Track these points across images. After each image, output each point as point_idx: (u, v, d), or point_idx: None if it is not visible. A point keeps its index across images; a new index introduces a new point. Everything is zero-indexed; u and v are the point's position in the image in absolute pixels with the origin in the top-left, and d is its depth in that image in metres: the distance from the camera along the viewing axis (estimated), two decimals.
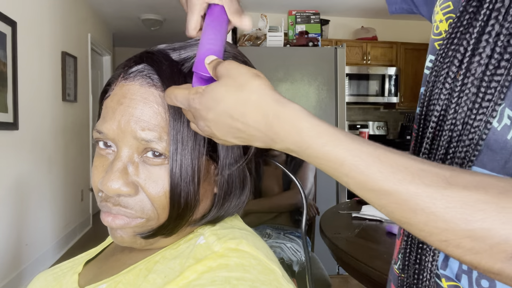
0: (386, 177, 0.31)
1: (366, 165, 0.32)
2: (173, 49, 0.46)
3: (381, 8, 4.21)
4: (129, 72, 0.44)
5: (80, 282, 0.49)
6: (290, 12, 3.03)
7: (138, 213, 0.42)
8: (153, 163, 0.42)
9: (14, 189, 2.52)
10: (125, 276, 0.44)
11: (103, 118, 0.43)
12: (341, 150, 0.32)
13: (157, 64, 0.43)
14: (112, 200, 0.42)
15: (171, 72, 0.43)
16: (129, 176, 0.42)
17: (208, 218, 0.46)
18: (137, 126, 0.41)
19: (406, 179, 0.31)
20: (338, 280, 2.64)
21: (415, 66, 4.33)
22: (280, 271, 0.41)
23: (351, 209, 1.60)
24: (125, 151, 0.42)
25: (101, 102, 0.47)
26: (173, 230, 0.44)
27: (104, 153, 0.45)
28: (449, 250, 0.31)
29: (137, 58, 0.45)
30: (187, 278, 0.38)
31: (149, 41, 5.80)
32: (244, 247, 0.41)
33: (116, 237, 0.44)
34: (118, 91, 0.44)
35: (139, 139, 0.41)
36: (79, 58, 3.79)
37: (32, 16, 2.79)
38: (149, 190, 0.42)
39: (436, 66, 0.46)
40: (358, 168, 0.32)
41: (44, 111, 2.98)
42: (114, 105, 0.43)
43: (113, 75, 0.47)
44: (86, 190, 4.12)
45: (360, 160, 0.32)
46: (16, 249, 2.52)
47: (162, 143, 0.41)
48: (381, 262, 0.98)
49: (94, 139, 0.45)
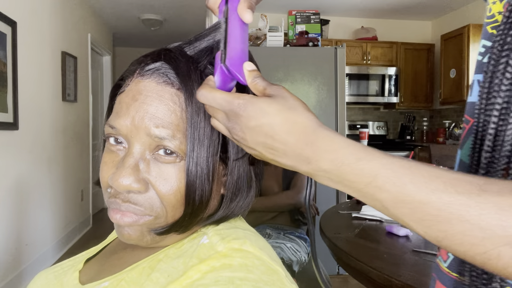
0: (419, 187, 0.31)
1: (399, 176, 0.32)
2: (188, 43, 0.46)
3: (381, 8, 4.21)
4: (146, 69, 0.44)
5: (82, 280, 0.49)
6: (290, 12, 3.02)
7: (147, 210, 0.42)
8: (165, 161, 0.42)
9: (14, 189, 2.52)
10: (128, 274, 0.44)
11: (117, 114, 0.43)
12: (375, 164, 0.33)
13: (174, 62, 0.43)
14: (121, 196, 0.42)
15: (188, 70, 0.43)
16: (140, 173, 0.42)
17: (215, 218, 0.47)
18: (151, 123, 0.41)
19: (439, 188, 0.31)
20: (338, 280, 2.64)
21: (415, 66, 4.33)
22: (283, 271, 0.41)
23: (351, 209, 1.60)
24: (137, 147, 0.42)
25: (113, 97, 0.47)
26: (187, 227, 0.45)
27: (114, 149, 0.44)
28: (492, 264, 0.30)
29: (155, 55, 0.44)
30: (191, 277, 0.38)
31: (149, 41, 5.81)
32: (247, 247, 0.41)
33: (123, 235, 0.44)
34: (134, 87, 0.43)
35: (152, 136, 0.41)
36: (79, 58, 3.79)
37: (32, 16, 2.79)
38: (159, 188, 0.42)
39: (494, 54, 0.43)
40: (390, 180, 0.32)
41: (44, 111, 2.98)
42: (129, 101, 0.43)
43: (127, 70, 0.46)
44: (86, 190, 4.12)
45: (393, 172, 0.32)
46: (16, 249, 2.52)
47: (175, 141, 0.41)
48: (381, 262, 0.98)
49: (105, 134, 0.45)
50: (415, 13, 4.40)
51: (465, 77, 3.71)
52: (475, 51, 3.69)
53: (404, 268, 0.94)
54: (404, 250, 1.09)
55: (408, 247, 1.10)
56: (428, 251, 1.06)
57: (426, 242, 1.16)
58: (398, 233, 1.22)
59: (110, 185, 0.43)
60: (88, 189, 4.19)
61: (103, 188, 0.45)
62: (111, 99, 0.48)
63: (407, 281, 0.85)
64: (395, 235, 1.22)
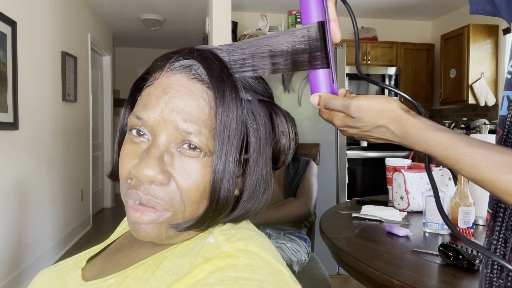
0: (492, 170, 0.45)
1: (476, 162, 0.45)
2: (221, 50, 0.47)
3: (381, 8, 4.21)
4: (176, 64, 0.44)
5: (85, 277, 0.49)
6: (290, 12, 3.03)
7: (167, 204, 0.42)
8: (189, 155, 0.43)
9: (14, 189, 2.52)
10: (134, 271, 0.44)
11: (145, 105, 0.43)
12: (458, 154, 0.46)
13: (207, 62, 0.44)
14: (142, 188, 0.42)
15: (221, 72, 0.43)
16: (165, 165, 0.42)
17: (231, 217, 0.47)
18: (180, 117, 0.42)
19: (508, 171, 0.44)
20: (338, 280, 2.64)
21: (415, 66, 4.33)
22: (288, 272, 0.41)
23: (351, 209, 1.60)
24: (163, 139, 0.42)
25: (135, 90, 0.48)
26: (209, 224, 0.45)
27: (137, 140, 0.44)
28: None
29: (186, 53, 0.45)
30: (196, 276, 0.38)
31: (149, 41, 5.81)
32: (252, 247, 0.41)
33: (140, 232, 0.44)
34: (164, 81, 0.44)
35: (180, 130, 0.42)
36: (79, 58, 3.79)
37: (32, 16, 2.79)
38: (181, 182, 0.42)
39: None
40: (470, 164, 0.46)
41: (44, 111, 2.98)
42: (159, 93, 0.43)
43: (154, 64, 0.47)
44: (86, 190, 4.12)
45: (472, 159, 0.45)
46: (16, 249, 2.52)
47: (201, 137, 0.42)
48: (381, 262, 0.98)
49: (129, 126, 0.45)
50: (415, 13, 4.40)
51: (465, 77, 3.71)
52: (475, 51, 3.69)
53: (404, 268, 0.94)
54: (404, 250, 1.09)
55: (408, 247, 1.10)
56: (428, 251, 1.06)
57: (426, 242, 1.16)
58: (398, 233, 1.22)
59: (132, 175, 0.43)
60: (88, 189, 4.19)
61: (122, 180, 0.45)
62: (133, 92, 0.48)
63: (407, 281, 0.85)
64: (395, 235, 1.22)
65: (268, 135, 0.47)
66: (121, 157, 0.45)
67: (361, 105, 0.50)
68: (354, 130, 0.54)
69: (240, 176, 0.47)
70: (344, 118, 0.53)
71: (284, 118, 0.50)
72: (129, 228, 0.48)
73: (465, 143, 0.46)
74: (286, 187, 1.84)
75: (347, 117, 0.53)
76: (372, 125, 0.51)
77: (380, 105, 0.50)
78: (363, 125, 0.51)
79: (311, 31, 0.48)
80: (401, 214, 1.46)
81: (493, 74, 3.72)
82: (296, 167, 1.86)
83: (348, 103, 0.51)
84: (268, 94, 0.50)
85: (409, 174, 1.55)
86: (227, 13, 2.73)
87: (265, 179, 0.47)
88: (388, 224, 1.36)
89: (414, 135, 0.48)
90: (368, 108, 0.50)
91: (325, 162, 2.71)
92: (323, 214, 1.55)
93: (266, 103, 0.48)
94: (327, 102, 0.52)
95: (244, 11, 4.25)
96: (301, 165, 1.86)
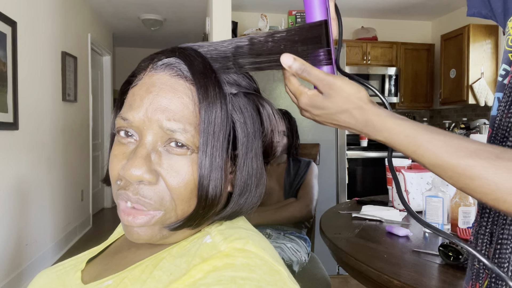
0: (450, 155, 0.45)
1: (437, 148, 0.46)
2: (202, 46, 0.47)
3: (381, 8, 4.21)
4: (159, 63, 0.45)
5: (84, 279, 0.49)
6: (290, 12, 3.02)
7: (156, 204, 0.42)
8: (176, 153, 0.43)
9: (14, 189, 2.52)
10: (131, 272, 0.44)
11: (130, 106, 0.44)
12: (418, 140, 0.47)
13: (189, 59, 0.44)
14: (131, 188, 0.42)
15: (204, 68, 0.43)
16: (152, 164, 0.42)
17: (224, 213, 0.47)
18: (163, 115, 0.42)
19: (466, 155, 0.45)
20: (338, 280, 2.64)
21: (415, 66, 4.33)
22: (285, 272, 0.41)
23: (351, 209, 1.60)
24: (149, 138, 0.42)
25: (124, 92, 0.48)
26: (200, 222, 0.45)
27: (125, 141, 0.45)
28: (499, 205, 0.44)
29: (168, 52, 0.45)
30: (193, 276, 0.38)
31: (149, 41, 5.81)
32: (250, 247, 0.41)
33: (133, 235, 0.44)
34: (147, 80, 0.44)
35: (164, 129, 0.42)
36: (79, 58, 3.79)
37: (32, 16, 2.79)
38: (170, 180, 0.42)
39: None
40: (430, 150, 0.47)
41: (44, 111, 2.98)
42: (143, 93, 0.43)
43: (139, 66, 0.47)
44: (86, 190, 4.12)
45: (432, 145, 0.46)
46: (16, 249, 2.52)
47: (186, 134, 0.42)
48: (381, 262, 0.98)
49: (116, 127, 0.45)
50: (415, 13, 4.40)
51: (465, 77, 3.70)
52: (475, 51, 3.69)
53: (404, 268, 0.94)
54: (404, 250, 1.09)
55: (408, 247, 1.10)
56: (428, 251, 1.06)
57: (426, 242, 1.16)
58: (398, 233, 1.21)
59: (120, 176, 0.43)
60: (88, 189, 4.19)
61: (113, 181, 0.45)
62: (121, 95, 0.49)
63: (407, 281, 0.85)
64: (395, 235, 1.22)
65: (257, 128, 0.47)
66: (110, 159, 0.45)
67: (335, 83, 0.49)
68: (318, 111, 0.52)
69: (233, 172, 0.47)
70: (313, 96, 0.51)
71: (272, 110, 0.49)
72: (123, 231, 0.48)
73: (425, 130, 0.48)
74: (287, 188, 1.84)
75: (316, 96, 0.51)
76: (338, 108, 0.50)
77: (351, 89, 0.49)
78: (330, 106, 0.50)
79: (317, 29, 0.50)
80: (401, 214, 1.46)
81: (493, 74, 3.72)
82: (297, 168, 1.86)
83: (324, 77, 0.49)
84: (254, 88, 0.49)
85: (409, 174, 1.55)
86: (227, 13, 2.72)
87: (257, 173, 0.47)
88: (388, 224, 1.36)
89: (377, 124, 0.49)
90: (340, 90, 0.49)
91: (325, 162, 2.71)
92: (323, 214, 1.55)
93: (253, 96, 0.48)
94: (303, 69, 0.50)
95: (244, 11, 4.25)
96: (302, 166, 1.86)
